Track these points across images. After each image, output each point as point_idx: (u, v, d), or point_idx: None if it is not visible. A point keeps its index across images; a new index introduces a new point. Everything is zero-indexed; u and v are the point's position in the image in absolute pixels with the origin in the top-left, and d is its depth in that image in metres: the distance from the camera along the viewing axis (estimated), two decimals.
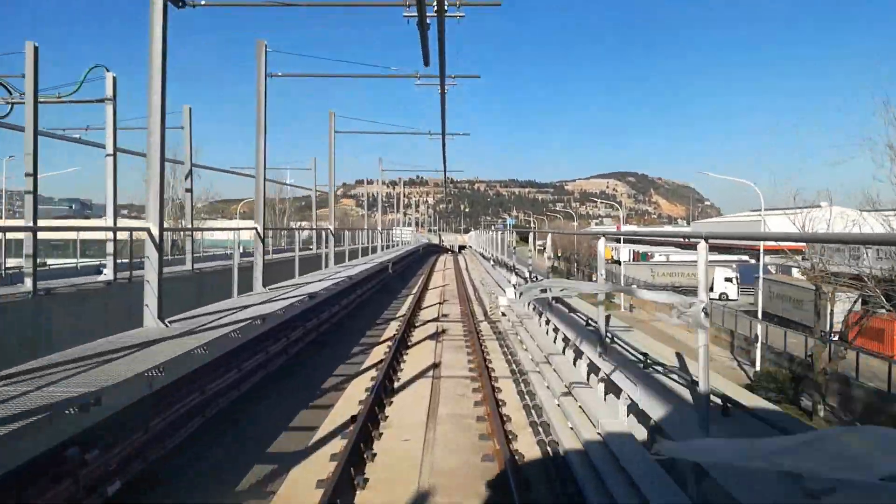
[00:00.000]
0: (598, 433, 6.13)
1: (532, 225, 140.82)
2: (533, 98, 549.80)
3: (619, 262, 58.35)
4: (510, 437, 7.73)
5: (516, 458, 6.93)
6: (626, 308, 44.75)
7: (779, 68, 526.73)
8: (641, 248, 73.52)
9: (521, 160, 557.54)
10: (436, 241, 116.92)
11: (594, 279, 68.67)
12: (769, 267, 47.68)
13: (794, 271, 38.05)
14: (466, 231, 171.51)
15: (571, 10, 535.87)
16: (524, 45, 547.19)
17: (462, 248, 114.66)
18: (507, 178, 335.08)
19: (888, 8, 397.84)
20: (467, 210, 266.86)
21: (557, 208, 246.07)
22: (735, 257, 58.31)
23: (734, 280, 50.21)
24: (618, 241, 70.25)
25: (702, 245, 4.73)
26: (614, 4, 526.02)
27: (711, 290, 45.74)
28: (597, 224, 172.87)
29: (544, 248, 51.46)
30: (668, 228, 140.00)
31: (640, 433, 5.61)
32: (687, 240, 75.03)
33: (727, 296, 48.10)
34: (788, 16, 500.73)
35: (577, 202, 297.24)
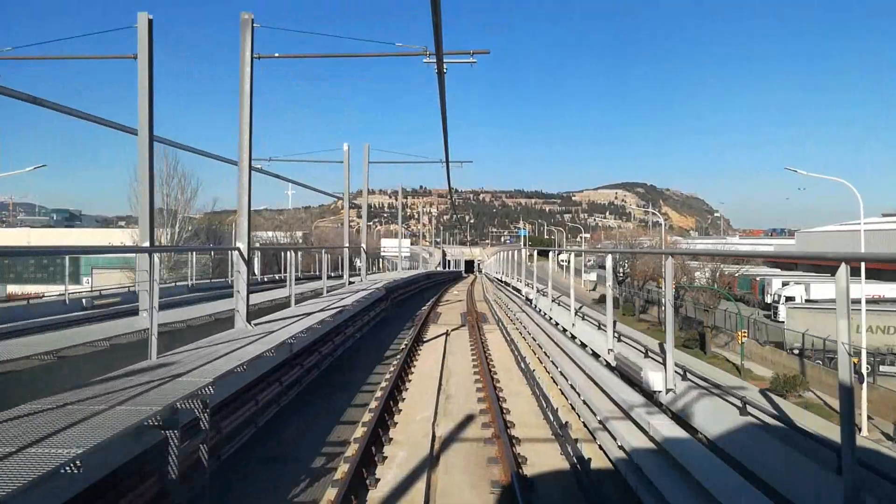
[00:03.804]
0: None
1: (552, 237, 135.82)
2: (538, 105, 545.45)
3: (776, 309, 36.04)
4: None
5: None
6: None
7: (784, 78, 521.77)
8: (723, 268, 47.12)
9: (527, 171, 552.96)
10: (436, 260, 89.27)
11: (703, 322, 36.21)
12: None
13: None
14: (474, 244, 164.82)
15: (576, 19, 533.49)
16: (527, 51, 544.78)
17: (470, 265, 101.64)
18: (512, 188, 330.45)
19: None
20: (472, 221, 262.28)
21: (566, 219, 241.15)
22: None
23: None
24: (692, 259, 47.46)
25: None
26: (619, 13, 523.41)
27: None
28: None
29: (566, 265, 44.33)
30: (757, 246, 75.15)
31: None
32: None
33: None
34: (797, 27, 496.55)
35: (585, 213, 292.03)
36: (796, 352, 30.01)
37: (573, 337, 10.64)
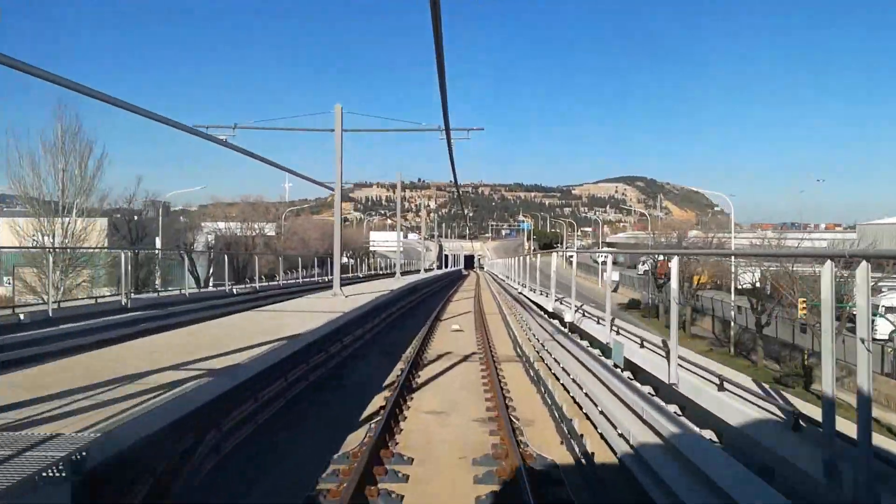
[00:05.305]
0: None
1: (556, 230, 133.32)
2: (537, 99, 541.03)
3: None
4: None
5: None
6: None
7: (784, 76, 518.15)
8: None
9: (527, 164, 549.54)
10: (433, 256, 78.31)
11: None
12: None
13: None
14: (473, 237, 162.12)
15: (575, 12, 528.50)
16: (526, 48, 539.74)
17: (470, 260, 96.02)
18: (512, 181, 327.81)
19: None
20: (471, 215, 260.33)
21: (566, 213, 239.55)
22: None
23: None
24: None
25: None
26: (619, 9, 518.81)
27: None
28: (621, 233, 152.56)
29: (571, 264, 42.36)
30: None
31: None
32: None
33: None
34: (797, 26, 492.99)
35: (585, 207, 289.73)
36: None
37: None
